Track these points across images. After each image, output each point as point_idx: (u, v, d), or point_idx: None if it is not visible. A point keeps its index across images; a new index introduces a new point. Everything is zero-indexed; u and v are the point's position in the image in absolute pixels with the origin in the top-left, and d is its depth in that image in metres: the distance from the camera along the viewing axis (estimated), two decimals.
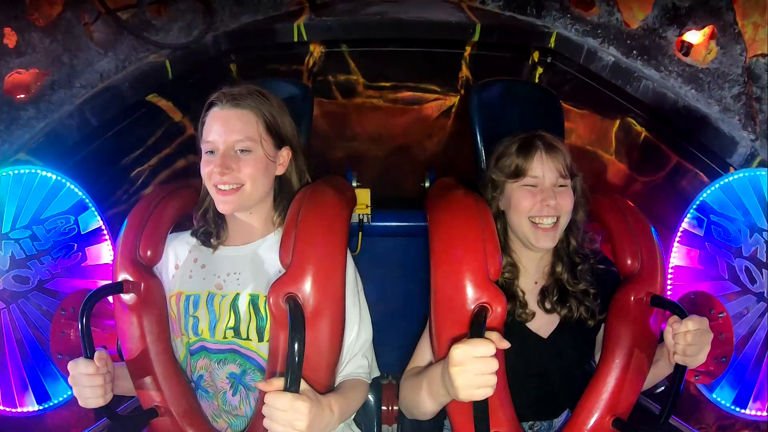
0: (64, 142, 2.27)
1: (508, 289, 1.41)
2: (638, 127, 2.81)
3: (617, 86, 2.68)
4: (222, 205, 1.31)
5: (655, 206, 2.75)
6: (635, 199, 2.83)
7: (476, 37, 2.92)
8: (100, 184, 2.50)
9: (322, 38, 3.00)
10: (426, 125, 3.29)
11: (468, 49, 3.08)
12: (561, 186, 1.39)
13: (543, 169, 1.37)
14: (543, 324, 1.44)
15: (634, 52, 2.62)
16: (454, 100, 3.24)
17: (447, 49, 3.09)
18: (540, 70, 3.08)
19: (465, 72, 3.17)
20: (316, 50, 3.08)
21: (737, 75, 2.33)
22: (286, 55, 3.08)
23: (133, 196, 2.71)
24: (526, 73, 3.10)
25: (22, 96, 2.17)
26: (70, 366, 1.23)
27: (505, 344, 1.06)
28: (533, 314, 1.42)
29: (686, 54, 2.44)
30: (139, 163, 2.73)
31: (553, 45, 2.89)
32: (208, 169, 1.30)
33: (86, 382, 1.21)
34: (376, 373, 1.44)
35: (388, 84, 3.22)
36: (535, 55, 3.05)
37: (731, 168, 2.37)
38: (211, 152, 1.31)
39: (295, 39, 2.92)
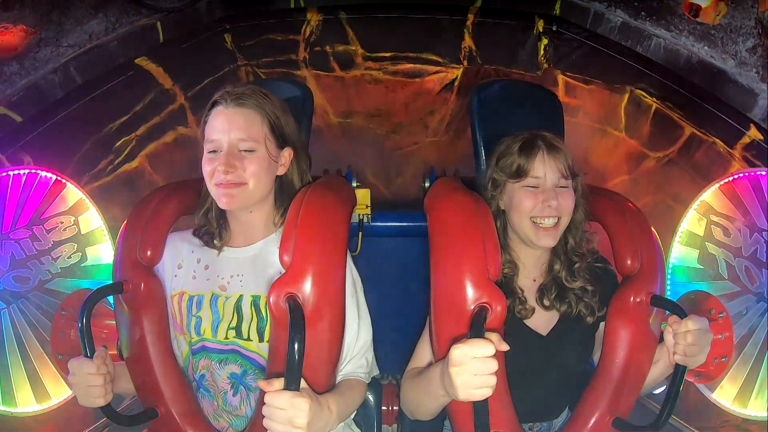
0: (46, 98, 2.16)
1: (507, 285, 1.41)
2: (649, 99, 2.71)
3: (627, 48, 2.55)
4: (223, 199, 1.30)
5: (669, 182, 2.67)
6: (648, 176, 2.79)
7: (479, 2, 2.81)
8: (83, 152, 2.43)
9: (319, 4, 2.89)
10: (427, 100, 3.15)
11: (471, 17, 2.95)
12: (562, 186, 1.39)
13: (545, 169, 1.38)
14: (542, 321, 1.44)
15: (643, 13, 2.49)
16: (457, 72, 3.10)
17: (449, 16, 2.96)
18: (545, 41, 2.96)
19: (468, 42, 3.03)
20: (314, 18, 2.96)
21: (750, 27, 2.22)
22: (282, 24, 2.96)
23: (118, 168, 2.61)
24: (530, 44, 2.99)
25: (8, 54, 2.09)
26: (71, 365, 1.23)
27: (505, 346, 1.06)
28: (533, 310, 1.43)
29: (695, 16, 2.31)
30: (125, 131, 2.63)
31: (558, 11, 2.77)
32: (210, 168, 1.30)
33: (86, 382, 1.21)
34: (376, 372, 1.44)
35: (387, 54, 3.07)
36: (540, 25, 2.93)
37: (752, 125, 2.27)
38: (214, 151, 1.31)
39: (292, 5, 2.81)
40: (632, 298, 1.37)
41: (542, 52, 2.99)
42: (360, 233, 1.99)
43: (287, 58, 3.03)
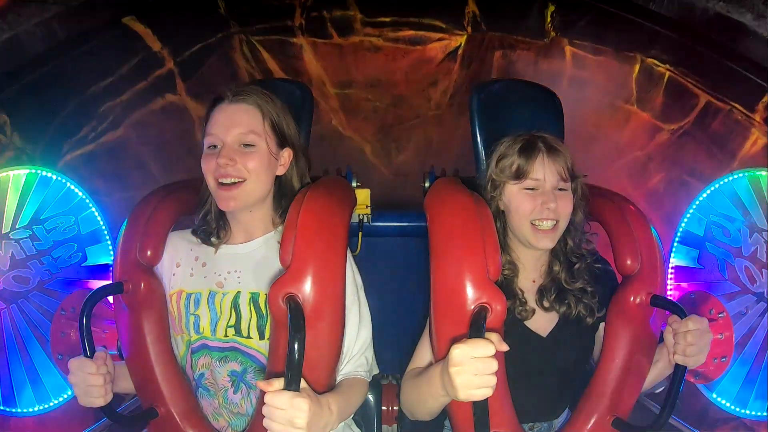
0: (25, 53, 2.04)
1: (507, 286, 1.41)
2: (662, 68, 2.55)
3: (639, 6, 2.35)
4: (224, 201, 1.30)
5: (684, 156, 2.56)
6: (663, 151, 2.66)
7: None
8: (64, 115, 2.32)
9: None
10: (430, 70, 2.96)
11: None
12: (561, 189, 1.39)
13: (544, 171, 1.38)
14: (542, 323, 1.44)
15: None
16: (461, 40, 2.90)
17: None
18: (552, 7, 2.77)
19: (472, 6, 2.84)
20: None
21: None
22: None
23: (101, 136, 2.48)
24: (536, 11, 2.79)
25: None
26: (71, 364, 1.23)
27: (504, 347, 1.06)
28: (533, 312, 1.43)
29: None
30: (109, 95, 2.49)
31: None
32: (210, 163, 1.30)
33: (87, 382, 1.22)
34: (376, 371, 1.44)
35: (387, 19, 2.89)
36: None
37: None
38: (214, 146, 1.32)
39: None
40: (632, 299, 1.37)
41: (549, 19, 2.82)
42: (360, 233, 1.99)
43: (283, 25, 2.88)
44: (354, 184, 1.96)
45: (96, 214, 2.14)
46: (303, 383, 1.07)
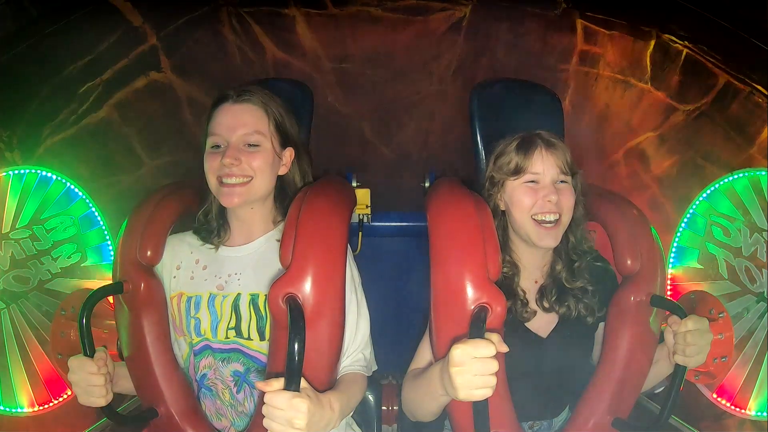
0: None
1: (508, 287, 1.41)
2: (678, 45, 2.42)
3: None
4: (227, 197, 1.31)
5: (700, 138, 2.46)
6: (677, 132, 2.52)
7: None
8: (42, 98, 2.23)
9: None
10: (432, 43, 2.76)
11: None
12: (562, 182, 1.39)
13: (543, 165, 1.38)
14: (542, 324, 1.44)
15: None
16: (465, 10, 2.70)
17: None
18: None
19: None
20: None
21: None
22: None
23: (82, 119, 2.37)
24: None
25: None
26: (71, 362, 1.24)
27: (505, 347, 1.06)
28: (534, 313, 1.43)
29: None
30: (89, 75, 2.37)
31: None
32: (214, 163, 1.31)
33: (87, 381, 1.22)
34: (375, 367, 1.44)
35: None
36: None
37: None
38: (217, 146, 1.32)
39: None
40: (632, 298, 1.37)
41: None
42: (360, 233, 1.99)
43: None
44: (354, 184, 1.96)
45: (96, 214, 2.14)
46: (304, 383, 1.07)
